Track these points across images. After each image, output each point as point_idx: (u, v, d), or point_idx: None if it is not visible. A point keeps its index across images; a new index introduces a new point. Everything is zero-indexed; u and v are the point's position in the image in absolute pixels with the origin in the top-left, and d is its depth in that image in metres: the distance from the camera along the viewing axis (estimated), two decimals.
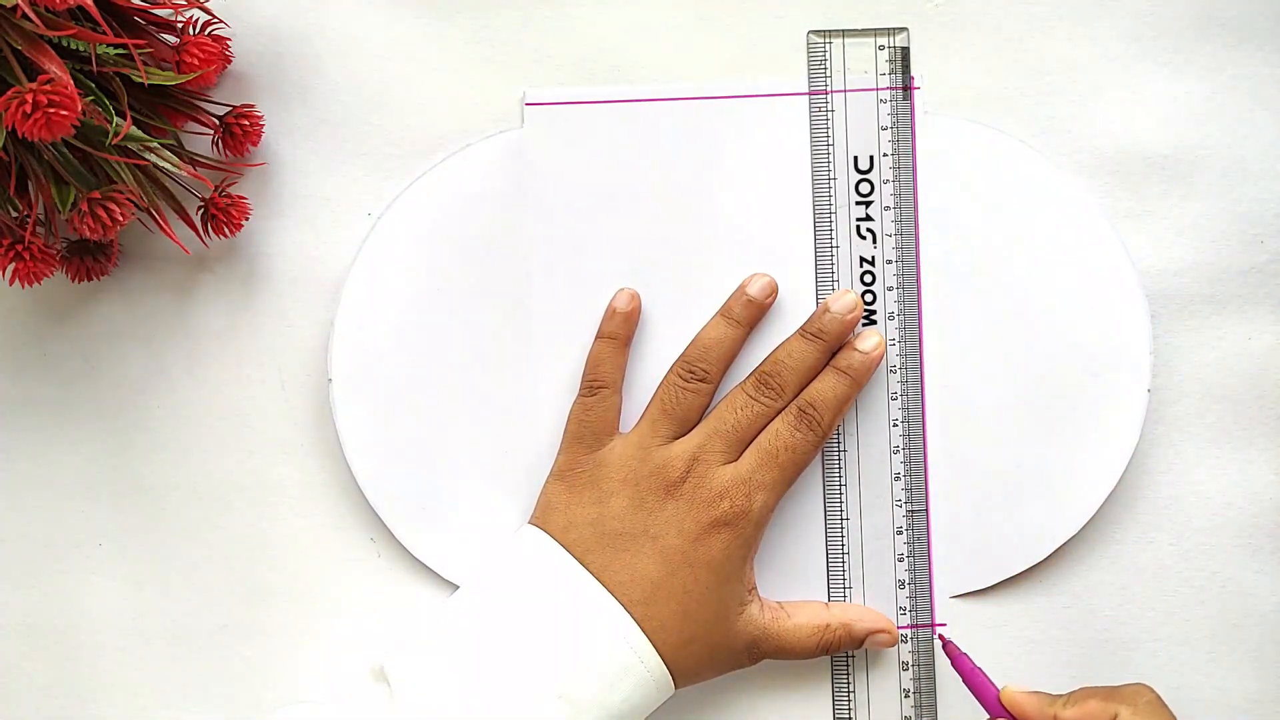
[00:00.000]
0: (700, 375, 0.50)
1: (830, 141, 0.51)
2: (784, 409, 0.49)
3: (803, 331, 0.50)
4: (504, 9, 0.51)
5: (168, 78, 0.45)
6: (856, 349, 0.50)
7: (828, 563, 0.51)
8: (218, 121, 0.49)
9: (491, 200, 0.51)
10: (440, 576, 0.51)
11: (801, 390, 0.50)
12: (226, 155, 0.50)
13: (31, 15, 0.40)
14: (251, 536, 0.52)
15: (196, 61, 0.46)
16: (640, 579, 0.47)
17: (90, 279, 0.49)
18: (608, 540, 0.48)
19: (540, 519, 0.49)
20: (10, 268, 0.45)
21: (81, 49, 0.43)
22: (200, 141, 0.50)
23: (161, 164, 0.45)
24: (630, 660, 0.46)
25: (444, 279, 0.51)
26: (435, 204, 0.51)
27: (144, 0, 0.46)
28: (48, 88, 0.39)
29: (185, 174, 0.46)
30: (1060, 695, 0.45)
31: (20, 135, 0.39)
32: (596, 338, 0.50)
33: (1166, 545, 0.52)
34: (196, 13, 0.47)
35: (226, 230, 0.49)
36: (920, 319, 0.51)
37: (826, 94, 0.51)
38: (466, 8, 0.51)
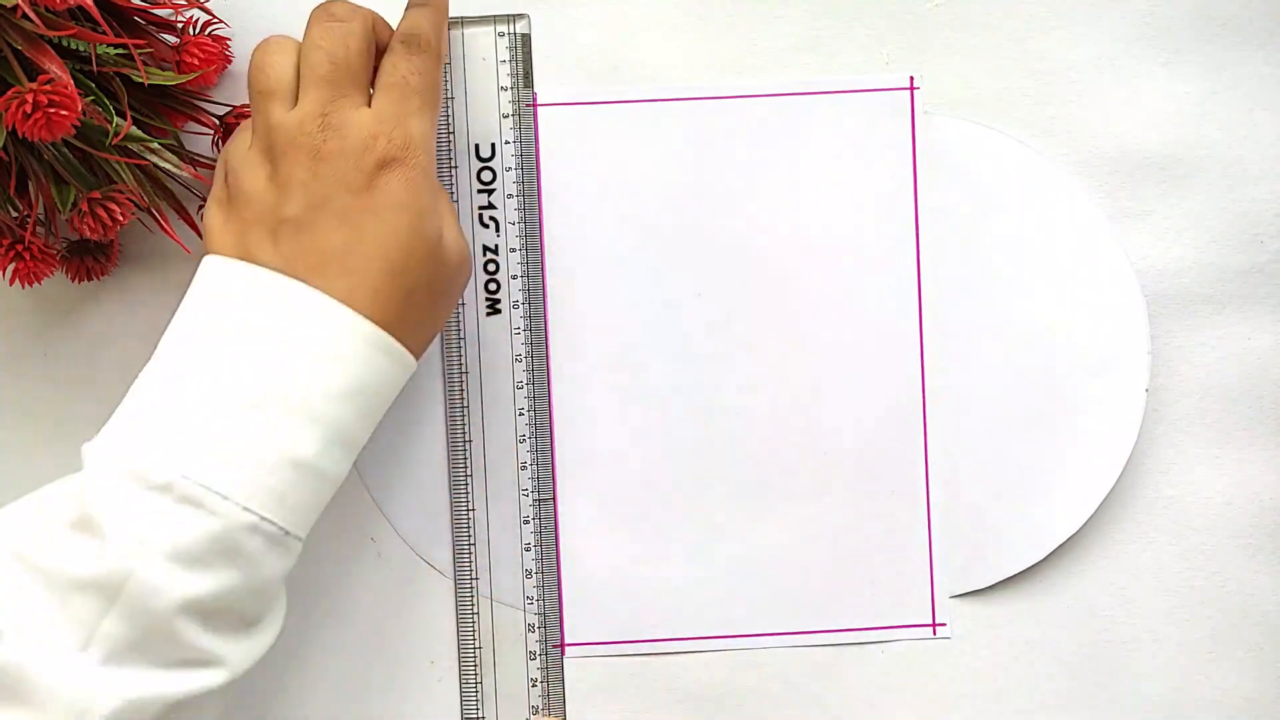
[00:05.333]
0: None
1: (451, 130, 0.50)
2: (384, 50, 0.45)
3: None
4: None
5: (168, 78, 0.45)
6: None
7: (454, 560, 0.51)
8: (218, 121, 0.49)
9: None
10: (441, 575, 0.51)
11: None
12: None
13: (31, 15, 0.40)
14: None
15: (196, 61, 0.46)
16: (325, 251, 0.42)
17: (90, 279, 0.49)
18: (281, 230, 0.42)
19: (207, 244, 0.44)
20: (10, 268, 0.45)
21: (81, 49, 0.43)
22: (200, 141, 0.50)
23: (162, 164, 0.45)
24: (341, 346, 0.41)
25: None
26: None
27: (144, 0, 0.46)
28: (48, 88, 0.39)
29: (185, 174, 0.46)
30: None
31: (20, 135, 0.39)
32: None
33: (1166, 545, 0.52)
34: (196, 13, 0.47)
35: None
36: (920, 318, 0.51)
37: (447, 81, 0.50)
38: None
